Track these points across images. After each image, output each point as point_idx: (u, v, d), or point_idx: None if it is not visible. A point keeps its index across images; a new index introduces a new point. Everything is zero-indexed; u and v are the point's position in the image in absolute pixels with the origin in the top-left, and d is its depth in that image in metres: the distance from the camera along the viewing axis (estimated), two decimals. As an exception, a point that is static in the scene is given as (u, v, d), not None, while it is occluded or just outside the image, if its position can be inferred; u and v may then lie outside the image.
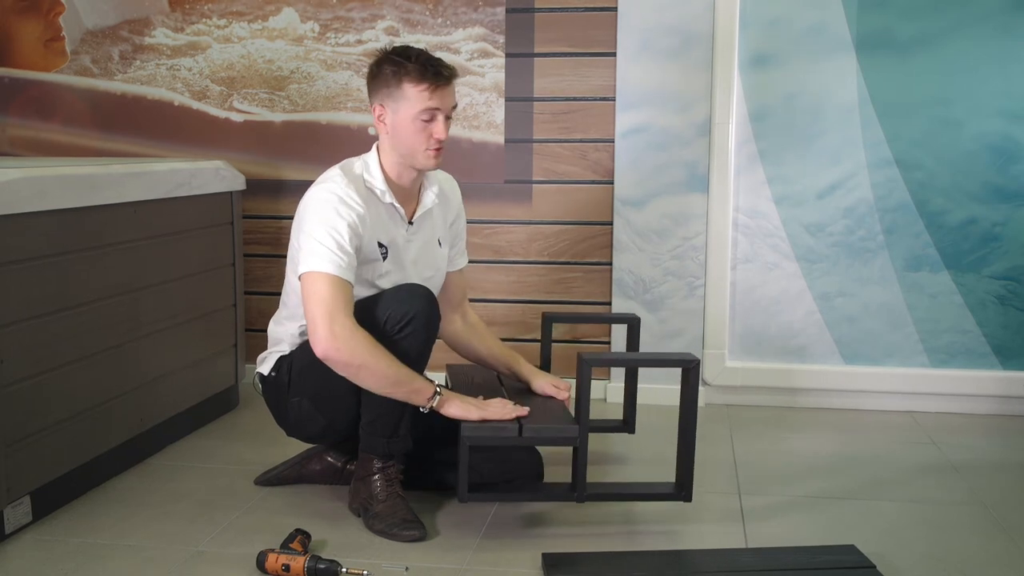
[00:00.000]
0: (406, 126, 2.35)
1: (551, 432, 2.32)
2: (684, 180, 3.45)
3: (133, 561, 2.20)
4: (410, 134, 2.36)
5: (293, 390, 2.45)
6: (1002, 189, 3.36)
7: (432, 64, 2.34)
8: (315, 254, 2.26)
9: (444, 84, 2.34)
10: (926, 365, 3.47)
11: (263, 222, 3.75)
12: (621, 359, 2.32)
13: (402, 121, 2.36)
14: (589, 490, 2.34)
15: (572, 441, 2.29)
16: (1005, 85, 3.31)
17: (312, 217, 2.32)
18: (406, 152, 2.39)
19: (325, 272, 2.24)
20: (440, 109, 2.34)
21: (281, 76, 3.68)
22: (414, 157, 2.39)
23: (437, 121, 2.35)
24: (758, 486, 2.71)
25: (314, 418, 2.45)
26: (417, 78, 2.32)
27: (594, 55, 3.49)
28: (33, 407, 2.35)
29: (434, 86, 2.33)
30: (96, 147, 3.80)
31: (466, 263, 2.75)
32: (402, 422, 2.36)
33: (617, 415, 2.92)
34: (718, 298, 3.50)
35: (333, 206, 2.31)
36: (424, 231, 2.51)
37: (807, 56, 3.39)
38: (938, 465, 2.91)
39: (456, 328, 2.71)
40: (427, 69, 2.33)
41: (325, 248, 2.26)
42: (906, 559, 2.22)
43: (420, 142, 2.36)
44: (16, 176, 2.27)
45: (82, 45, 3.78)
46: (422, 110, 2.33)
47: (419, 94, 2.33)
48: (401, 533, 2.31)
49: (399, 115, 2.36)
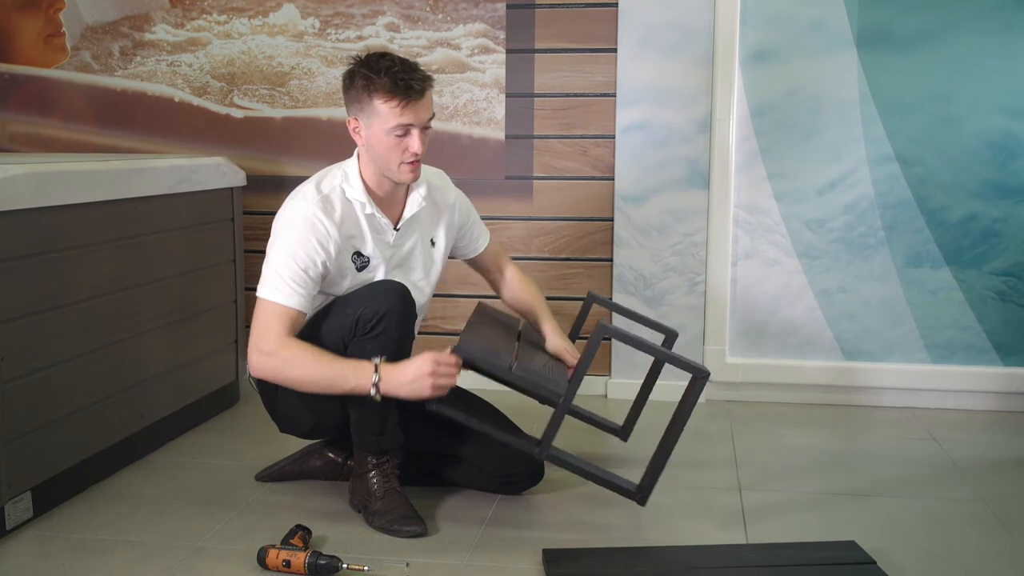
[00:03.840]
0: (380, 140, 2.30)
1: (540, 380, 2.28)
2: (685, 176, 3.44)
3: (133, 557, 2.20)
4: (384, 149, 2.30)
5: (283, 388, 2.45)
6: (1003, 185, 3.36)
7: (402, 78, 2.25)
8: (266, 281, 2.28)
9: (416, 99, 2.26)
10: (926, 361, 3.47)
11: (264, 218, 3.73)
12: (636, 341, 2.30)
13: (375, 135, 2.30)
14: (553, 452, 2.31)
15: (556, 397, 2.26)
16: (1006, 81, 3.31)
17: (277, 240, 2.32)
18: (382, 166, 2.34)
19: (269, 299, 2.25)
20: (413, 124, 2.28)
21: (282, 72, 3.68)
22: (390, 171, 2.34)
23: (411, 135, 2.29)
24: (758, 482, 2.71)
25: (303, 416, 2.45)
26: (387, 94, 2.25)
27: (595, 51, 3.49)
28: (33, 403, 2.36)
29: (405, 101, 2.25)
30: (96, 143, 3.80)
31: (487, 240, 2.69)
32: (388, 419, 2.35)
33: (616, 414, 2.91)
34: (719, 294, 3.50)
35: (297, 231, 2.29)
36: (413, 234, 2.48)
37: (808, 52, 3.39)
38: (938, 461, 2.91)
39: (498, 288, 2.74)
40: (397, 84, 2.24)
41: (278, 276, 2.26)
42: (906, 555, 2.22)
43: (395, 156, 2.30)
44: (17, 172, 2.27)
45: (82, 41, 3.77)
46: (394, 126, 2.27)
47: (390, 110, 2.26)
48: (401, 529, 2.31)
49: (372, 129, 2.30)
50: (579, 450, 2.68)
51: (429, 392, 2.19)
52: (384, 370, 2.20)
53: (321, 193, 2.35)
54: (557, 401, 2.26)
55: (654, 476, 2.33)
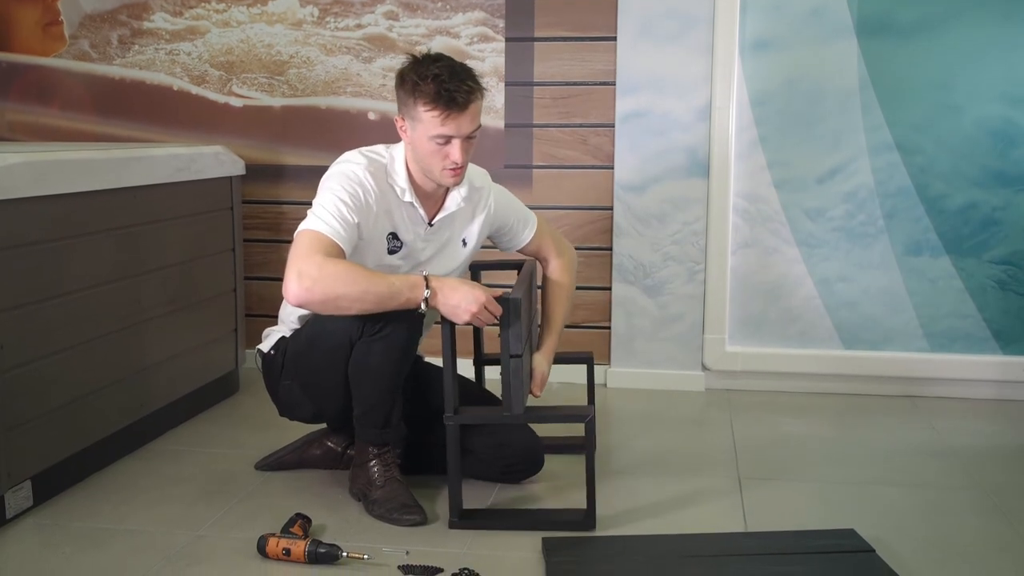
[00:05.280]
0: (423, 144, 2.27)
1: (518, 387, 2.25)
2: (684, 165, 3.44)
3: (133, 545, 2.20)
4: (426, 153, 2.27)
5: (286, 373, 2.46)
6: (1002, 174, 3.35)
7: (447, 88, 2.20)
8: (311, 216, 2.24)
9: (458, 111, 2.22)
10: (926, 350, 3.47)
11: (263, 207, 3.74)
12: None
13: (419, 138, 2.27)
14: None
15: (508, 411, 2.26)
16: (1006, 70, 3.30)
17: (321, 188, 2.29)
18: (424, 168, 2.32)
19: (311, 229, 2.20)
20: (454, 136, 2.24)
21: (280, 61, 3.67)
22: (432, 173, 2.31)
23: (452, 144, 2.25)
24: (758, 470, 2.72)
25: (304, 403, 2.46)
26: (430, 103, 2.21)
27: (594, 39, 3.48)
28: (33, 392, 2.36)
29: (447, 112, 2.21)
30: (95, 132, 3.79)
31: (532, 231, 2.63)
32: (393, 412, 2.36)
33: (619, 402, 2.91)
34: (718, 283, 3.49)
35: (343, 178, 2.27)
36: (445, 232, 2.46)
37: (808, 40, 3.38)
38: (937, 450, 2.91)
39: (543, 277, 2.70)
40: (441, 95, 2.20)
41: (321, 209, 2.23)
42: (905, 543, 2.22)
43: (436, 161, 2.28)
44: (15, 161, 2.27)
45: (81, 29, 3.76)
46: (436, 135, 2.24)
47: (432, 119, 2.22)
48: (401, 518, 2.31)
49: (416, 132, 2.27)
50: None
51: (463, 321, 2.18)
52: (435, 286, 2.17)
53: (369, 160, 2.33)
54: (506, 414, 2.28)
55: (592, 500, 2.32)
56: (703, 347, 3.52)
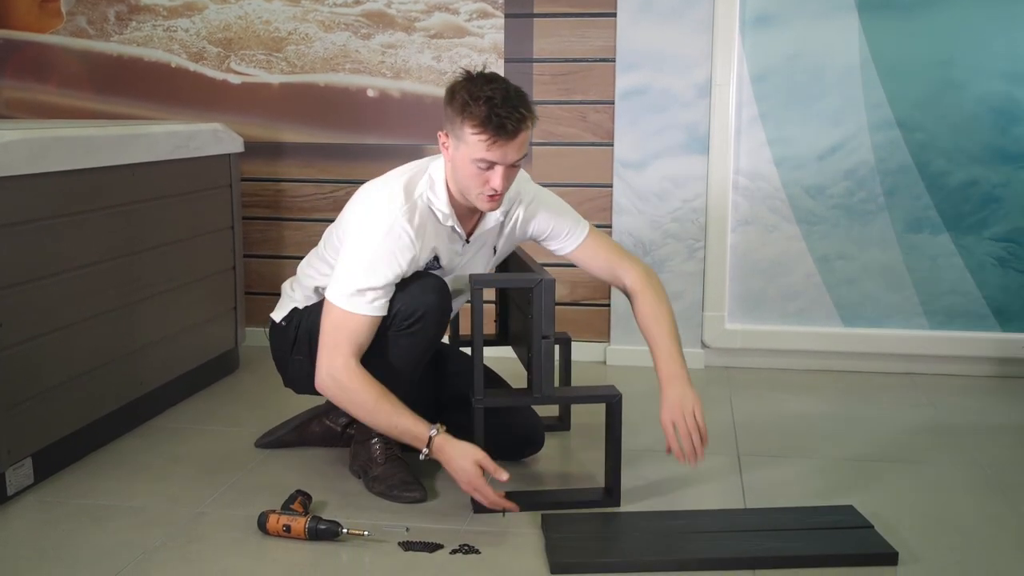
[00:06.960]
0: (464, 166, 2.16)
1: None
2: (684, 142, 3.43)
3: (134, 522, 2.21)
4: (466, 176, 2.17)
5: (297, 348, 2.45)
6: (1003, 151, 3.34)
7: (498, 113, 2.08)
8: (341, 286, 2.19)
9: (505, 139, 2.10)
10: (925, 327, 3.47)
11: (261, 184, 3.73)
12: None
13: (461, 159, 2.16)
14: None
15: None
16: (1007, 47, 3.28)
17: (358, 242, 2.22)
18: (463, 188, 2.22)
19: (343, 309, 2.18)
20: (498, 162, 2.13)
21: (279, 37, 3.65)
22: (469, 195, 2.22)
23: (494, 171, 2.14)
24: (757, 447, 2.72)
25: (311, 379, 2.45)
26: (479, 126, 2.10)
27: (594, 15, 3.46)
28: (33, 370, 2.36)
29: (494, 139, 2.10)
30: (92, 109, 3.78)
31: (583, 235, 2.46)
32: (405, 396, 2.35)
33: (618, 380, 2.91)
34: (718, 260, 3.49)
35: (382, 243, 2.19)
36: (478, 244, 2.42)
37: (809, 17, 3.36)
38: (936, 427, 2.92)
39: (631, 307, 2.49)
40: (491, 119, 2.08)
41: (354, 285, 2.18)
42: (903, 519, 2.23)
43: (475, 185, 2.17)
44: (13, 138, 2.26)
45: (77, 6, 3.74)
46: (479, 159, 2.13)
47: (478, 142, 2.11)
48: (401, 494, 2.32)
49: (459, 152, 2.16)
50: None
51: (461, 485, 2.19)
52: (436, 445, 2.17)
53: (410, 199, 2.23)
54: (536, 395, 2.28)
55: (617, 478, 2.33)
56: (703, 325, 3.52)
